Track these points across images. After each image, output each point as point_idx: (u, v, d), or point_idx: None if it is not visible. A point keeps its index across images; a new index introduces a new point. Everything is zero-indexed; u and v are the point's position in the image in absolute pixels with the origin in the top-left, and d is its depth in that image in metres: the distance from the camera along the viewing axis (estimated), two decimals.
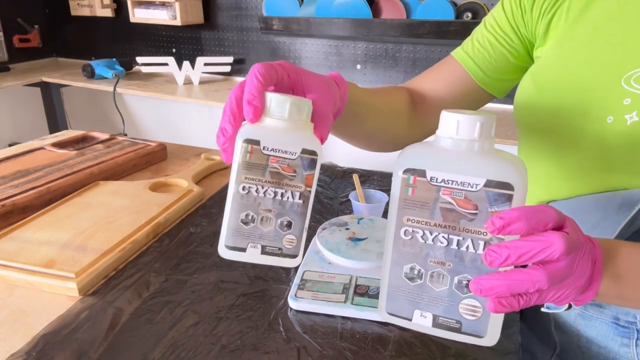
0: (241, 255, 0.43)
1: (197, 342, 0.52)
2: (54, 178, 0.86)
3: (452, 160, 0.37)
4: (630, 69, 0.50)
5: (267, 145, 0.41)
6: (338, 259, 0.62)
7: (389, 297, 0.41)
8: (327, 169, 1.00)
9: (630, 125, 0.49)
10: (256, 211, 0.42)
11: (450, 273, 0.38)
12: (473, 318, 0.38)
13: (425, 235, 0.38)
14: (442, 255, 0.38)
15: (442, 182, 0.37)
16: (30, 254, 0.64)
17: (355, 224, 0.69)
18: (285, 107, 0.41)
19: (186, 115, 2.59)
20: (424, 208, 0.37)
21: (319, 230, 0.68)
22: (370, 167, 0.99)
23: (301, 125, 0.42)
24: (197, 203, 0.85)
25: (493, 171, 0.36)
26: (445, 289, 0.38)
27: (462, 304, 0.38)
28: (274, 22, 2.07)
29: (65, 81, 2.29)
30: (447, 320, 0.39)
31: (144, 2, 2.26)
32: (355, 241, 0.65)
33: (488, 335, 0.39)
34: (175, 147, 1.14)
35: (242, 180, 0.41)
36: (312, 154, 0.41)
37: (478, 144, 0.37)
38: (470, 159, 0.37)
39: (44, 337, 0.52)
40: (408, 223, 0.38)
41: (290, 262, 0.44)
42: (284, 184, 0.42)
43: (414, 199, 0.38)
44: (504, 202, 0.36)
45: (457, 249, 0.37)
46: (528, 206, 0.36)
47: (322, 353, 0.50)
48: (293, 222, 0.43)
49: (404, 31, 1.84)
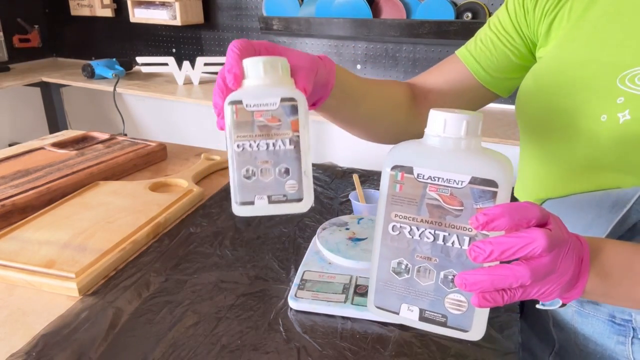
0: (252, 209, 0.45)
1: (197, 342, 0.52)
2: (54, 178, 0.86)
3: (438, 157, 0.38)
4: (626, 68, 0.51)
5: (249, 103, 0.44)
6: (338, 259, 0.62)
7: (377, 291, 0.42)
8: (327, 169, 1.00)
9: (622, 123, 0.50)
10: (254, 165, 0.45)
11: (437, 268, 0.39)
12: (458, 312, 0.39)
13: (413, 231, 0.39)
14: (429, 250, 0.39)
15: (429, 178, 0.38)
16: (30, 254, 0.64)
17: (355, 224, 0.69)
18: (259, 66, 0.44)
19: (186, 115, 2.59)
20: (411, 204, 0.39)
21: (319, 231, 0.68)
22: (370, 167, 0.99)
23: (278, 80, 0.45)
24: (197, 203, 0.85)
25: (478, 168, 0.37)
26: (432, 283, 0.39)
27: (447, 298, 0.39)
28: (274, 22, 2.07)
29: (65, 81, 2.29)
30: (433, 314, 0.40)
31: (144, 2, 2.26)
32: (355, 241, 0.65)
33: (473, 329, 0.39)
34: (175, 147, 1.14)
35: (235, 139, 0.44)
36: (291, 100, 0.43)
37: (464, 141, 0.38)
38: (456, 157, 0.38)
39: (44, 337, 0.52)
40: (396, 219, 0.40)
41: (298, 206, 0.45)
42: (272, 134, 0.44)
43: (402, 195, 0.39)
44: (488, 199, 0.37)
45: (443, 245, 0.38)
46: (512, 203, 0.36)
47: (322, 353, 0.50)
48: (290, 167, 0.45)
49: (404, 31, 1.84)
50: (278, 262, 0.67)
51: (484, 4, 1.74)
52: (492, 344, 0.52)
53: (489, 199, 0.37)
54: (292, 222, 0.78)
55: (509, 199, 0.37)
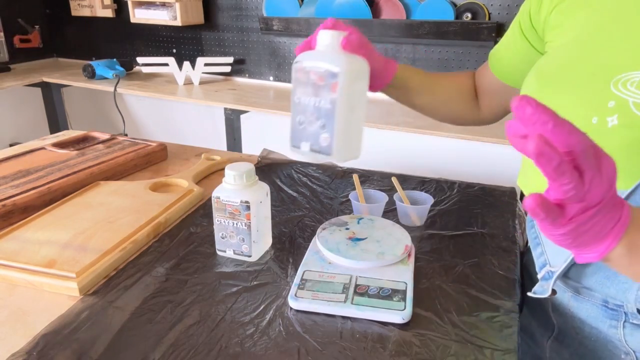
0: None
1: (197, 342, 0.52)
2: (54, 178, 0.86)
3: (315, 55, 0.58)
4: (621, 71, 0.50)
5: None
6: (338, 259, 0.62)
7: (292, 137, 0.59)
8: (327, 169, 1.01)
9: (610, 128, 0.49)
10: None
11: (317, 120, 0.56)
12: (326, 144, 0.56)
13: (304, 100, 0.57)
14: (312, 110, 0.56)
15: (310, 67, 0.56)
16: (31, 254, 0.64)
17: (355, 223, 0.70)
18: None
19: (186, 115, 2.59)
20: (305, 84, 0.57)
21: (319, 231, 0.68)
22: (370, 167, 0.99)
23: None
24: (198, 203, 0.85)
25: (329, 61, 0.55)
26: (314, 129, 0.57)
27: (320, 137, 0.56)
28: (274, 22, 2.07)
29: (66, 81, 2.29)
30: (315, 146, 0.57)
31: (144, 2, 2.26)
32: (355, 241, 0.65)
33: (335, 152, 0.56)
34: (176, 147, 1.14)
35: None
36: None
37: (330, 47, 0.57)
38: (322, 55, 0.57)
39: (45, 336, 0.52)
40: (297, 94, 0.58)
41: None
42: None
43: (299, 79, 0.57)
44: (335, 79, 0.54)
45: (319, 107, 0.56)
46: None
47: (322, 353, 0.51)
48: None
49: (404, 31, 1.84)
50: (278, 262, 0.67)
51: (484, 4, 1.75)
52: (492, 344, 0.52)
53: (335, 79, 0.54)
54: (292, 222, 0.79)
55: (348, 82, 0.54)
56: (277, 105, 1.92)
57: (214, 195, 0.66)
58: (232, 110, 1.99)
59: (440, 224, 0.79)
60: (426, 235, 0.75)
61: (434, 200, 0.81)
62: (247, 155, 1.12)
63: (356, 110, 0.57)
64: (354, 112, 0.57)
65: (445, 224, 0.79)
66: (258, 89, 2.17)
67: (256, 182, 0.66)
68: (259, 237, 0.67)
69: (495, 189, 0.93)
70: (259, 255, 0.68)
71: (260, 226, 0.67)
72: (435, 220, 0.80)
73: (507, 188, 0.93)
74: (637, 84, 0.48)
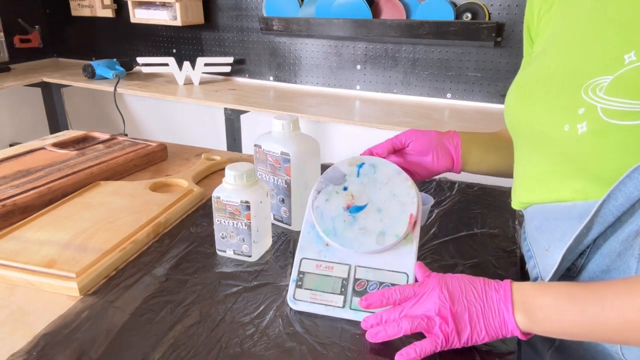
0: (227, 254, 0.70)
1: (197, 342, 0.52)
2: (54, 178, 0.86)
3: (270, 140, 0.73)
4: (591, 77, 0.49)
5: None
6: (335, 243, 0.59)
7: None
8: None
9: (580, 135, 0.49)
10: (227, 231, 0.68)
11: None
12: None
13: (265, 176, 0.75)
14: (271, 181, 0.77)
15: (268, 150, 0.73)
16: (31, 254, 0.65)
17: (355, 176, 0.65)
18: (231, 174, 0.66)
19: (187, 115, 2.59)
20: (263, 163, 0.74)
21: (313, 194, 0.63)
22: None
23: (243, 186, 0.65)
24: (198, 203, 0.85)
25: (283, 145, 0.71)
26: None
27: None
28: (274, 22, 2.07)
29: (66, 81, 2.29)
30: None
31: (144, 2, 2.26)
32: (353, 212, 0.61)
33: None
34: (176, 147, 1.14)
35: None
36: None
37: (285, 131, 0.72)
38: (276, 139, 0.73)
39: (45, 336, 0.52)
40: (259, 170, 0.76)
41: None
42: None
43: (259, 158, 0.75)
44: (287, 162, 0.71)
45: (275, 182, 0.75)
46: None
47: (322, 353, 0.51)
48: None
49: (404, 31, 1.84)
50: (278, 262, 0.67)
51: (484, 4, 1.75)
52: (492, 344, 0.52)
53: (287, 162, 0.71)
54: None
55: (300, 163, 0.71)
56: (277, 105, 1.92)
57: (214, 195, 0.66)
58: (232, 110, 1.99)
59: (440, 224, 0.79)
60: (426, 235, 0.75)
61: (434, 201, 0.81)
62: (247, 155, 1.12)
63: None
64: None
65: (445, 225, 0.79)
66: (258, 89, 2.17)
67: (256, 182, 0.67)
68: (259, 237, 0.67)
69: (494, 189, 0.93)
70: (259, 255, 0.69)
71: (260, 226, 0.67)
72: (436, 221, 0.80)
73: (507, 188, 0.93)
74: (605, 90, 0.48)
